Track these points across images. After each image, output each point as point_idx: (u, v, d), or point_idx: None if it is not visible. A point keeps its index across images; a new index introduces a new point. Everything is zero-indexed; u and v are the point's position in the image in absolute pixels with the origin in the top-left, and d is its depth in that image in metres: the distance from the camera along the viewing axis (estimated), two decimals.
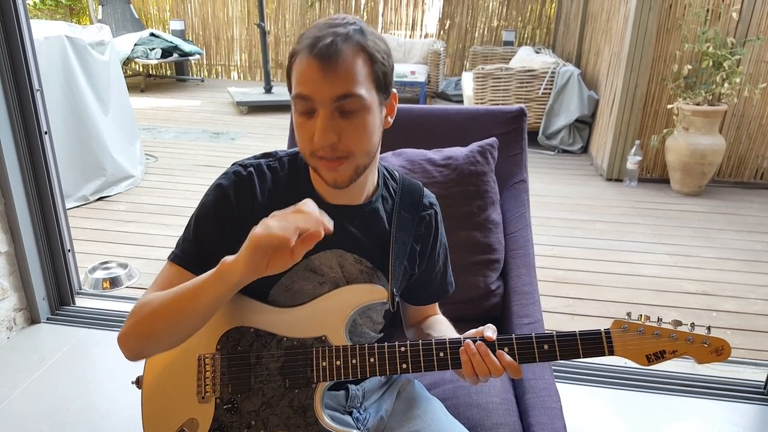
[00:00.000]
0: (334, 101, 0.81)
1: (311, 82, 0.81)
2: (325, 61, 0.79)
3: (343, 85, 0.81)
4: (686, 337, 0.82)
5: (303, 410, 0.89)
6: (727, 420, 1.77)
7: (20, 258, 2.06)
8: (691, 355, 0.83)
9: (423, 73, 6.07)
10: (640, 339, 0.83)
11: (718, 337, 0.82)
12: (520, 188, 1.62)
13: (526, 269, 1.47)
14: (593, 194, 3.86)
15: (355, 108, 0.82)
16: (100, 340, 2.08)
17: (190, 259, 0.90)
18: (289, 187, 0.94)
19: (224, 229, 0.90)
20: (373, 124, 0.86)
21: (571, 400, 1.80)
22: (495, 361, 0.84)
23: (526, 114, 1.62)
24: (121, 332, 0.86)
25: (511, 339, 0.86)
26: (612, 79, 4.20)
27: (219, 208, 0.91)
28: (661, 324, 0.84)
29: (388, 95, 0.89)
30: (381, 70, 0.84)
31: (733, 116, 3.86)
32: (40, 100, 2.01)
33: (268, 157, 0.97)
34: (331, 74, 0.80)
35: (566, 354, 0.85)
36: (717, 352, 0.82)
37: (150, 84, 7.18)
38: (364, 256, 0.95)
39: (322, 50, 0.80)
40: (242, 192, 0.91)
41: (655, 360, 0.83)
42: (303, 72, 0.81)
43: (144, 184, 3.78)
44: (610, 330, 0.84)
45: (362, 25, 0.85)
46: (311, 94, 0.81)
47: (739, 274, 2.78)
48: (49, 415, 1.71)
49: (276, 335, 0.92)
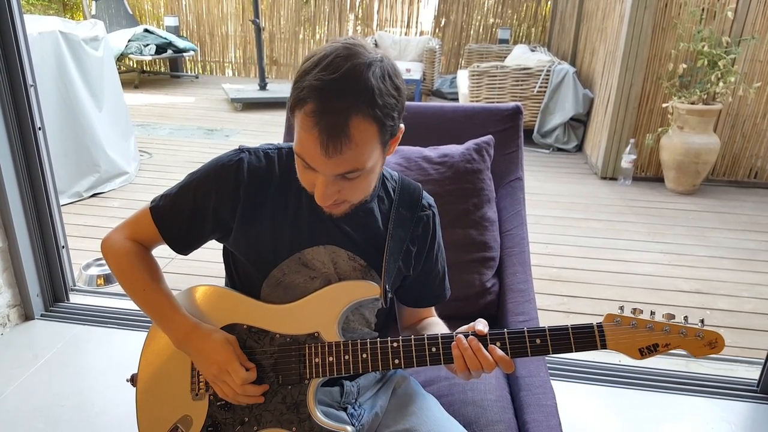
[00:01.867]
0: (336, 175, 0.80)
1: (314, 159, 0.78)
2: (331, 142, 0.75)
3: (350, 164, 0.79)
4: (679, 331, 0.82)
5: (296, 406, 0.89)
6: (720, 418, 1.78)
7: (14, 254, 2.04)
8: (685, 348, 0.82)
9: (418, 70, 6.07)
10: (633, 333, 0.83)
11: (711, 330, 0.81)
12: (515, 186, 1.62)
13: (522, 267, 1.47)
14: (588, 193, 3.87)
15: (359, 175, 0.81)
16: (95, 337, 2.07)
17: (161, 218, 0.96)
18: (282, 178, 0.93)
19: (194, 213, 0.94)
20: (373, 178, 0.87)
21: (567, 398, 1.80)
22: (487, 355, 0.84)
23: (522, 112, 1.62)
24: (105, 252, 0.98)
25: (503, 333, 0.86)
26: (607, 78, 4.21)
27: (197, 195, 0.94)
28: (654, 318, 0.83)
29: (395, 136, 0.85)
30: (390, 129, 0.81)
31: (728, 115, 3.87)
32: (34, 96, 2.00)
33: (269, 146, 0.97)
34: (336, 156, 0.76)
35: (558, 348, 0.85)
36: (710, 345, 0.81)
37: (144, 80, 7.14)
38: (357, 254, 0.95)
39: (327, 129, 0.75)
40: (225, 182, 0.92)
41: (647, 354, 0.83)
42: (306, 143, 0.77)
43: (138, 180, 3.76)
44: (603, 324, 0.84)
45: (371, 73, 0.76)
46: (313, 166, 0.80)
47: (733, 272, 2.80)
48: (43, 412, 1.70)
49: (269, 332, 0.92)
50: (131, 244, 0.96)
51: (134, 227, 0.98)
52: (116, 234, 0.98)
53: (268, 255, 0.93)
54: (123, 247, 0.96)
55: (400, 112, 0.82)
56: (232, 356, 0.88)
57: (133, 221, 0.98)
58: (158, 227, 0.95)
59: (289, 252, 0.93)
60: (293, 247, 0.93)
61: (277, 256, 0.93)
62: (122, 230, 0.98)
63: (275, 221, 0.92)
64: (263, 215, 0.92)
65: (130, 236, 0.97)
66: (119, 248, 0.96)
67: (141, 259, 0.96)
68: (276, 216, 0.92)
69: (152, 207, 0.97)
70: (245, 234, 0.93)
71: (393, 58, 0.88)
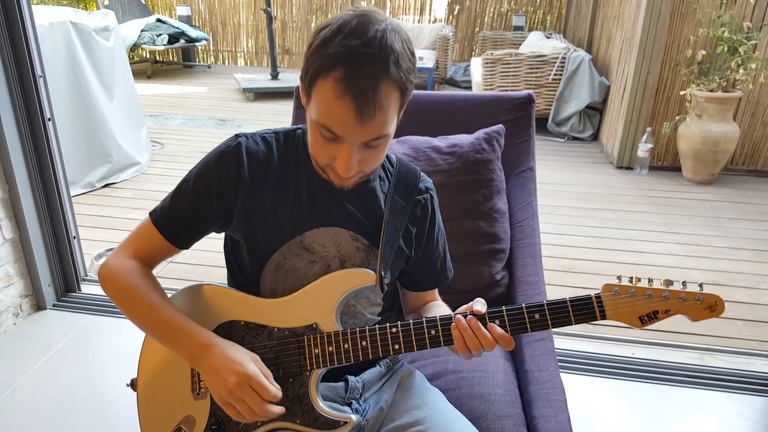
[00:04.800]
0: (365, 142, 0.80)
1: (345, 126, 0.78)
2: (366, 107, 0.75)
3: (378, 129, 0.79)
4: (678, 296, 0.81)
5: (299, 399, 0.89)
6: (736, 412, 1.74)
7: (25, 245, 2.06)
8: (685, 313, 0.82)
9: (431, 58, 6.00)
10: (632, 301, 0.82)
11: (711, 293, 0.81)
12: (527, 176, 1.58)
13: (532, 259, 1.44)
14: (603, 182, 3.81)
15: (382, 142, 0.82)
16: (106, 327, 2.08)
17: (163, 222, 0.94)
18: (281, 162, 0.93)
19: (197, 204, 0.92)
20: (388, 146, 0.87)
21: (577, 391, 1.78)
22: (486, 334, 0.83)
23: (534, 100, 1.59)
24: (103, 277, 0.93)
25: (502, 311, 0.85)
26: (624, 65, 4.12)
27: (198, 185, 0.92)
28: (652, 285, 0.83)
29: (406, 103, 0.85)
30: (408, 96, 0.82)
31: (748, 103, 3.77)
32: (43, 87, 2.00)
33: (266, 130, 0.96)
34: (368, 121, 0.77)
35: (558, 321, 0.84)
36: (710, 309, 0.80)
37: (157, 70, 7.16)
38: (360, 233, 0.94)
39: (360, 95, 0.75)
40: (227, 167, 0.91)
41: (648, 321, 0.82)
42: (335, 110, 0.76)
43: (150, 171, 3.78)
44: (601, 294, 0.83)
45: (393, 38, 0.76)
46: (343, 136, 0.79)
47: (751, 264, 2.74)
48: (54, 402, 1.72)
49: (267, 327, 0.91)
50: (134, 262, 0.93)
51: (135, 243, 0.95)
52: (114, 257, 0.94)
53: (269, 239, 0.93)
54: (123, 266, 0.92)
55: (414, 79, 0.83)
56: (257, 371, 0.83)
57: (132, 238, 0.96)
58: (160, 229, 0.93)
59: (290, 236, 0.92)
60: (293, 230, 0.92)
61: (277, 241, 0.92)
62: (120, 252, 0.95)
63: (275, 205, 0.92)
64: (263, 200, 0.92)
65: (131, 254, 0.94)
66: (119, 269, 0.92)
67: (146, 277, 0.92)
68: (276, 200, 0.92)
69: (151, 213, 0.96)
70: (246, 219, 0.92)
71: None
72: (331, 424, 0.87)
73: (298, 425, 0.88)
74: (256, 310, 0.92)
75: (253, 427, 0.90)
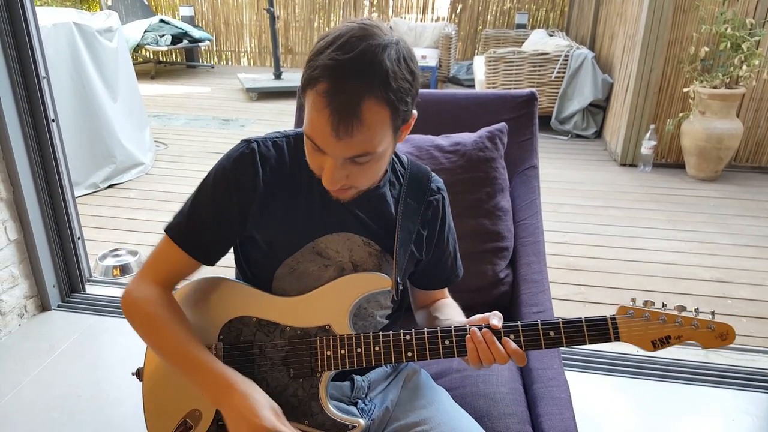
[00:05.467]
0: (346, 158, 0.78)
1: (324, 140, 0.76)
2: (342, 123, 0.73)
3: (361, 147, 0.77)
4: (691, 323, 0.82)
5: (308, 400, 0.88)
6: (741, 409, 1.74)
7: (30, 246, 2.07)
8: (696, 340, 0.83)
9: (434, 57, 5.99)
10: (646, 325, 0.83)
11: (723, 323, 0.82)
12: (530, 174, 1.58)
13: (536, 257, 1.44)
14: (606, 180, 3.80)
15: (368, 160, 0.80)
16: (111, 327, 2.09)
17: (182, 236, 0.90)
18: (293, 166, 0.91)
19: (218, 214, 0.90)
20: (383, 164, 0.85)
21: (582, 389, 1.78)
22: (500, 348, 0.83)
23: (537, 98, 1.58)
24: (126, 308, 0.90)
25: (517, 326, 0.85)
26: (627, 63, 4.11)
27: (216, 194, 0.90)
28: (666, 310, 0.84)
29: (407, 122, 0.82)
30: (403, 115, 0.78)
31: (752, 99, 3.76)
32: (47, 88, 2.01)
33: (276, 134, 0.95)
34: (346, 138, 0.74)
35: (572, 341, 0.84)
36: (722, 337, 0.81)
37: (160, 71, 7.18)
38: (372, 238, 0.93)
39: (338, 110, 0.72)
40: (244, 173, 0.89)
41: (660, 345, 0.83)
42: (316, 123, 0.75)
43: (154, 171, 3.78)
44: (616, 316, 0.84)
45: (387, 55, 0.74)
46: (324, 149, 0.78)
47: (755, 260, 2.73)
48: (59, 402, 1.72)
49: (279, 324, 0.91)
50: (156, 289, 0.89)
51: (155, 266, 0.91)
52: (136, 284, 0.90)
53: (283, 245, 0.92)
54: (145, 296, 0.88)
55: (413, 98, 0.80)
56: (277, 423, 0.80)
57: (151, 260, 0.92)
58: (182, 246, 0.89)
59: (303, 241, 0.91)
60: (307, 236, 0.92)
61: (291, 246, 0.92)
62: (142, 277, 0.91)
63: (288, 211, 0.91)
64: (277, 205, 0.91)
65: (153, 279, 0.90)
66: (142, 299, 0.88)
67: (169, 307, 0.89)
68: (289, 206, 0.91)
69: (167, 229, 0.91)
70: (260, 225, 0.91)
71: (408, 44, 0.86)
72: (340, 428, 0.87)
73: (306, 426, 0.88)
74: (269, 307, 0.92)
75: None
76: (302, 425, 0.88)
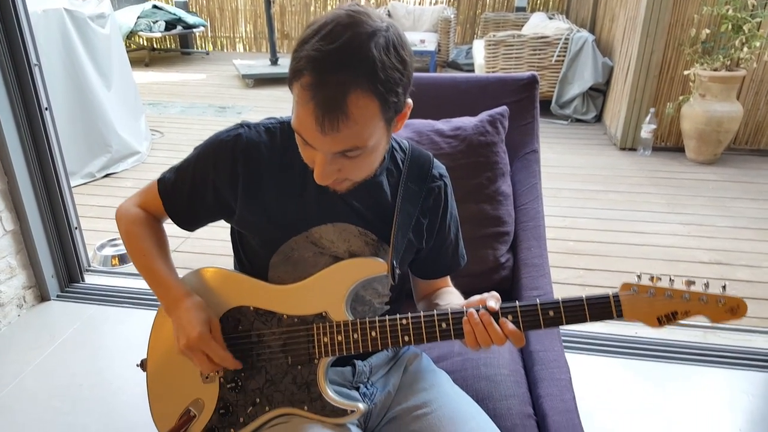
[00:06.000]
0: (335, 153, 0.77)
1: (311, 134, 0.74)
2: (327, 118, 0.70)
3: (349, 141, 0.74)
4: (699, 297, 0.79)
5: (307, 386, 0.89)
6: (739, 389, 1.75)
7: (26, 236, 2.06)
8: (705, 314, 0.79)
9: (433, 41, 5.93)
10: (651, 301, 0.80)
11: (734, 296, 0.78)
12: (531, 159, 1.57)
13: (537, 242, 1.44)
14: (606, 164, 3.79)
15: (360, 154, 0.77)
16: (111, 317, 2.09)
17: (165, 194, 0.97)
18: (285, 154, 0.90)
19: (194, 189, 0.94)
20: (377, 156, 0.83)
21: (582, 370, 1.78)
22: (498, 330, 0.82)
23: (538, 81, 1.56)
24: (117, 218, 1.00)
25: (515, 307, 0.84)
26: (627, 45, 4.07)
27: (196, 170, 0.93)
28: (673, 285, 0.80)
29: (401, 112, 0.80)
30: (394, 106, 0.76)
31: (752, 82, 3.73)
32: (39, 76, 1.98)
33: (271, 120, 0.94)
34: (333, 133, 0.72)
35: (572, 319, 0.82)
36: (732, 311, 0.78)
37: (154, 58, 7.10)
38: (368, 228, 0.92)
39: (323, 104, 0.70)
40: (222, 159, 0.90)
41: (666, 322, 0.80)
42: (302, 117, 0.73)
43: (150, 160, 3.76)
44: (619, 294, 0.81)
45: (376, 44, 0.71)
46: (310, 143, 0.76)
47: (754, 242, 2.73)
48: (61, 392, 1.72)
49: (276, 313, 0.91)
50: (140, 211, 0.98)
51: (144, 197, 1.00)
52: (129, 202, 1.01)
53: (275, 233, 0.91)
54: (132, 213, 0.98)
55: (405, 87, 0.77)
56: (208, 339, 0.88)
57: (144, 191, 1.00)
58: (162, 201, 0.97)
59: (296, 230, 0.91)
60: (300, 225, 0.91)
61: (283, 235, 0.91)
62: (134, 198, 1.01)
63: (280, 199, 0.90)
64: (266, 193, 0.90)
65: (141, 205, 0.99)
66: (129, 215, 0.98)
67: (147, 227, 0.97)
68: (280, 193, 0.90)
69: (159, 179, 0.98)
70: (249, 212, 0.91)
71: (407, 29, 0.84)
72: (339, 413, 0.87)
73: (306, 412, 0.88)
74: (266, 296, 0.92)
75: (261, 413, 0.90)
76: (302, 411, 0.88)
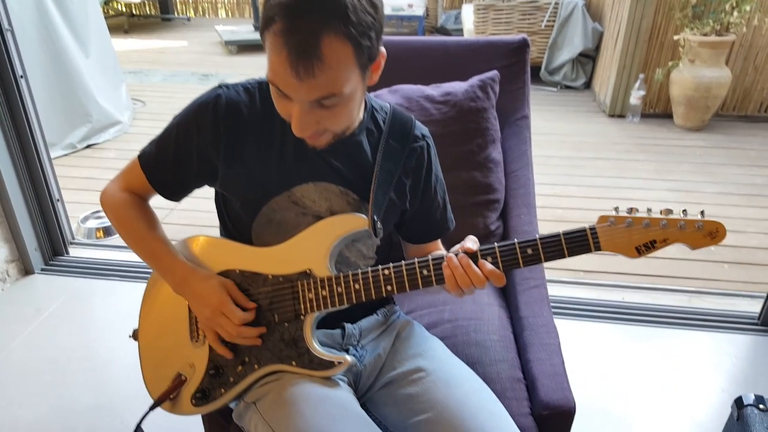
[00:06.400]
0: (312, 101, 0.75)
1: (286, 83, 0.73)
2: (302, 63, 0.70)
3: (326, 88, 0.74)
4: (678, 224, 0.78)
5: (294, 342, 0.90)
6: (722, 351, 1.79)
7: (6, 209, 2.01)
8: (684, 241, 0.78)
9: (421, 6, 5.81)
10: (629, 231, 0.80)
11: (712, 220, 0.77)
12: (521, 125, 1.55)
13: (527, 209, 1.43)
14: (595, 131, 3.78)
15: (336, 102, 0.77)
16: (98, 290, 2.07)
17: (148, 167, 0.95)
18: (265, 114, 0.89)
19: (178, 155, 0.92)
20: (354, 105, 0.82)
21: (570, 335, 1.81)
22: (477, 271, 0.82)
23: (529, 45, 1.53)
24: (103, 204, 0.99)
25: (494, 248, 0.84)
26: (617, 10, 4.02)
27: (179, 136, 0.92)
28: (651, 214, 0.80)
29: (375, 60, 0.79)
30: (368, 51, 0.75)
31: (741, 47, 3.71)
32: (12, 41, 1.90)
33: (249, 80, 0.93)
34: (309, 79, 0.71)
35: (551, 255, 0.82)
36: (711, 235, 0.77)
37: (134, 24, 6.89)
38: (349, 188, 0.92)
39: (296, 49, 0.69)
40: (204, 120, 0.89)
41: (645, 251, 0.79)
42: (276, 66, 0.72)
43: (133, 130, 3.68)
44: (596, 226, 0.81)
45: None
46: (288, 93, 0.75)
47: (740, 208, 2.76)
48: (50, 365, 1.72)
49: (261, 274, 0.92)
50: (126, 194, 0.97)
51: (127, 177, 0.98)
52: (112, 186, 0.99)
53: (257, 193, 0.91)
54: (119, 198, 0.97)
55: (378, 32, 0.76)
56: (226, 298, 0.88)
57: (125, 171, 0.99)
58: (146, 175, 0.95)
59: (278, 190, 0.91)
60: (281, 185, 0.91)
61: (265, 195, 0.91)
62: (117, 182, 0.99)
63: (260, 158, 0.90)
64: (247, 153, 0.89)
65: (125, 187, 0.98)
66: (115, 200, 0.97)
67: (136, 208, 0.96)
68: (261, 153, 0.89)
69: (140, 155, 0.96)
70: (231, 173, 0.90)
71: None
72: (326, 365, 0.89)
73: (294, 367, 0.90)
74: (251, 258, 0.92)
75: (251, 371, 0.91)
76: (291, 366, 0.90)
